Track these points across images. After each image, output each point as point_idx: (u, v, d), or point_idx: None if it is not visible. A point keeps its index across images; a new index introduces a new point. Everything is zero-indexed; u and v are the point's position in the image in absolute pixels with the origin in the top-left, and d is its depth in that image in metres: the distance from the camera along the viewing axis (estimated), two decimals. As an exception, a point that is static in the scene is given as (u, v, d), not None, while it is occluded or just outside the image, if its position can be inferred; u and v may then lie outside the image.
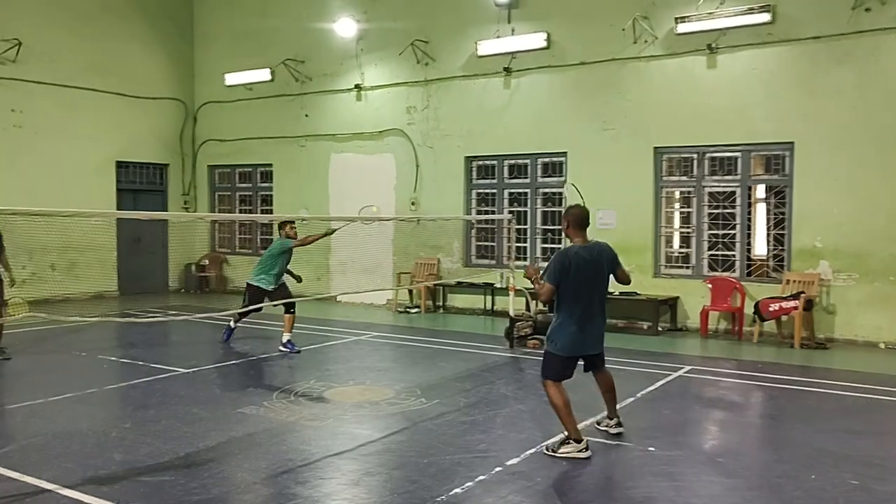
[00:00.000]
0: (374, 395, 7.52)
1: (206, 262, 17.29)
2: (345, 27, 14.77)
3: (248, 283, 9.93)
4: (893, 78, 10.25)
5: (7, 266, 8.86)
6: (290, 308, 9.66)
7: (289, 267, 9.96)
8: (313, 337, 10.90)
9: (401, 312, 13.97)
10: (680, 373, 8.66)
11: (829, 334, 10.67)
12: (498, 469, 5.31)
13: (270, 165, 16.60)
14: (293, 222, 9.88)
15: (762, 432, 6.74)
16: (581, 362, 5.89)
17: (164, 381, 8.10)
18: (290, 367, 8.93)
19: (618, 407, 6.25)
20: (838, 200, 10.62)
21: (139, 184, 16.77)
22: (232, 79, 16.65)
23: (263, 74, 16.12)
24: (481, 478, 5.13)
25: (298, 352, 9.59)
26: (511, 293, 10.52)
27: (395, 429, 6.35)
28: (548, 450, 5.64)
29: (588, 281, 5.65)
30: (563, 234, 5.86)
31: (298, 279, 10.39)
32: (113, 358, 9.41)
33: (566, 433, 5.62)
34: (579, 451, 5.54)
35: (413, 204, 14.44)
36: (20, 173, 14.22)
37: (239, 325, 10.38)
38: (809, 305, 10.52)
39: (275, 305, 9.78)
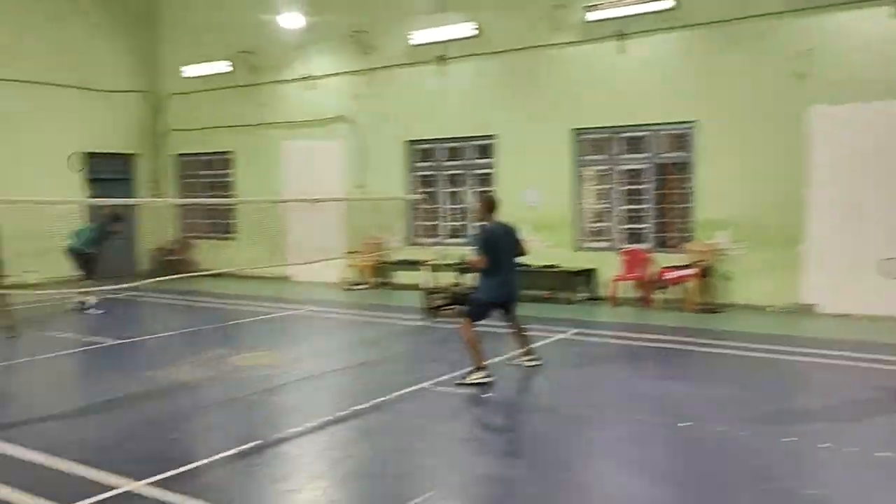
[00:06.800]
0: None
1: (175, 246, 18.20)
2: (291, 20, 15.45)
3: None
4: (781, 60, 10.95)
5: None
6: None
7: None
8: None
9: (347, 290, 14.83)
10: (563, 336, 9.49)
11: (729, 300, 11.47)
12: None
13: (232, 153, 17.45)
14: None
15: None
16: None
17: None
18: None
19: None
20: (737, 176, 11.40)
21: (107, 174, 17.66)
22: (190, 71, 17.47)
23: (222, 66, 16.94)
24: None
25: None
26: (427, 269, 11.41)
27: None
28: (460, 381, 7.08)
29: (505, 250, 7.28)
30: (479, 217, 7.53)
31: None
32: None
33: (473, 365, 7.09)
34: (484, 377, 7.05)
35: (359, 187, 15.24)
36: (-12, 167, 15.11)
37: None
38: (707, 273, 11.31)
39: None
